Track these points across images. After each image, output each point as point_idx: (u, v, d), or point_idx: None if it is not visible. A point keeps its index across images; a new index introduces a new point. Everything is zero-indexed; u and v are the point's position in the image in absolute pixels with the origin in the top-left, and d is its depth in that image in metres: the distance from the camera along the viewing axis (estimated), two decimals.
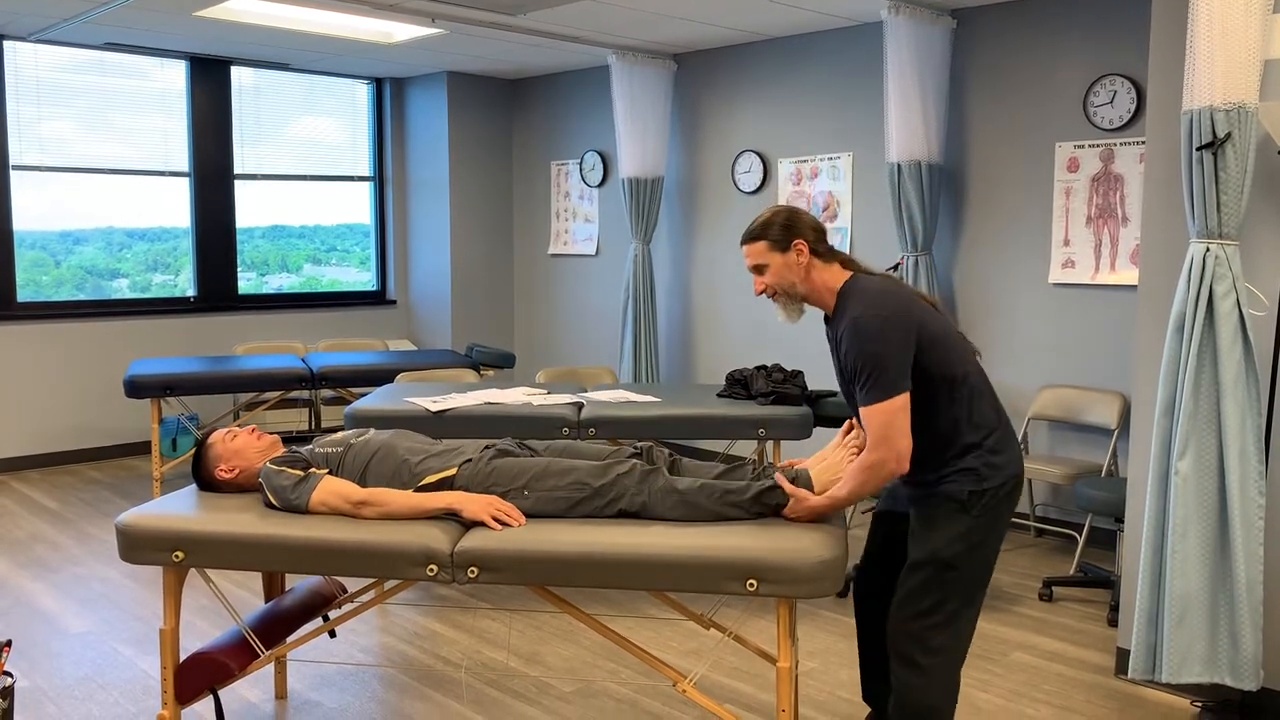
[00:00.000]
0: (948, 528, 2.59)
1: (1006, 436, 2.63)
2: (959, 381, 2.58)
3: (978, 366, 2.65)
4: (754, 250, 2.73)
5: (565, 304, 7.78)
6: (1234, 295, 3.03)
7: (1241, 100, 2.94)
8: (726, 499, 2.69)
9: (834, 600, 4.36)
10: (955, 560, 2.58)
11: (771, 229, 2.70)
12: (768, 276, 2.73)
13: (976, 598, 2.65)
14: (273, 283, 7.71)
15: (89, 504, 5.80)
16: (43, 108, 6.59)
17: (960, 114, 5.54)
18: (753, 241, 2.73)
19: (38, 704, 3.36)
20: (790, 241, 2.68)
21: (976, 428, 2.59)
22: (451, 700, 3.40)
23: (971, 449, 2.59)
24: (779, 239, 2.69)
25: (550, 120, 7.76)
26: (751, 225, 2.75)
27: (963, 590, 2.60)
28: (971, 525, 2.58)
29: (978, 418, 2.59)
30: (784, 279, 2.71)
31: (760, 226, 2.72)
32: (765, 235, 2.71)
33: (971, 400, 2.59)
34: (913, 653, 2.63)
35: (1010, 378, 5.44)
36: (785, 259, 2.69)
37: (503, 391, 4.47)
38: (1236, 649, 3.08)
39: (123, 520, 2.70)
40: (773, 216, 2.72)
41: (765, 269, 2.72)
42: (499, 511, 2.68)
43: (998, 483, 2.58)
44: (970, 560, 2.59)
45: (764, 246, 2.72)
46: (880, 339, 2.50)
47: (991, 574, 2.65)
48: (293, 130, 7.63)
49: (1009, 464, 2.61)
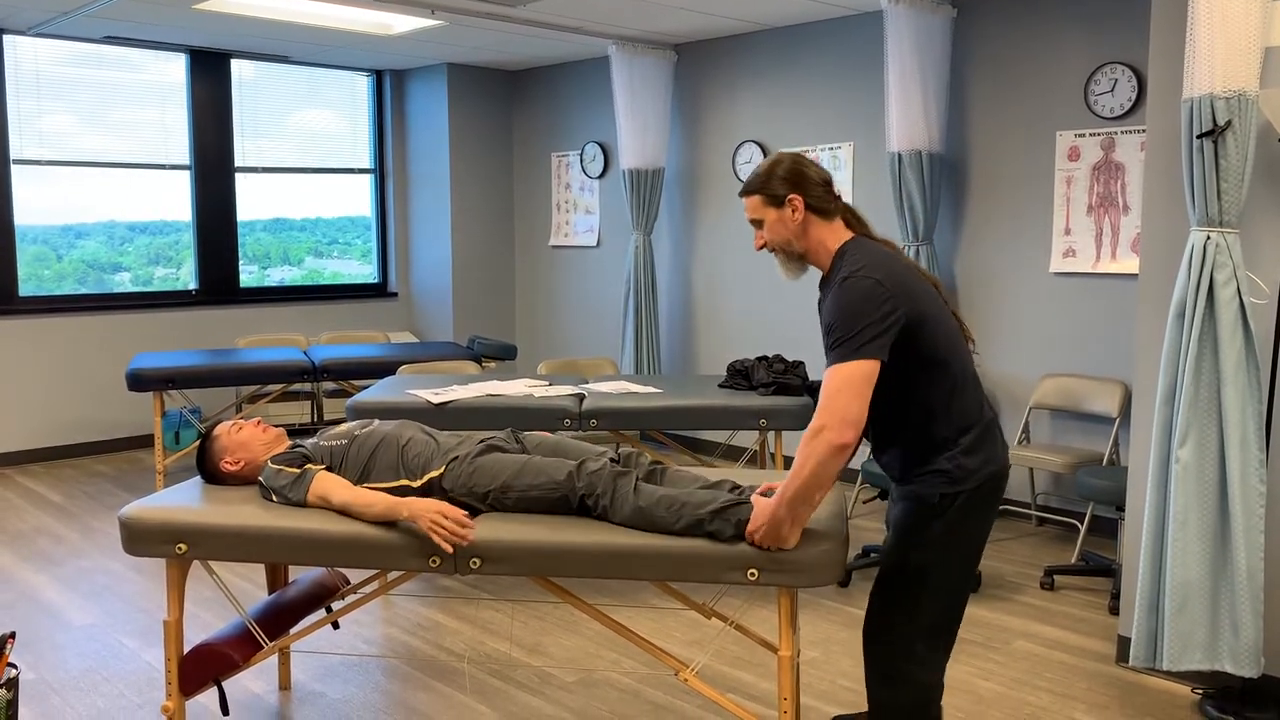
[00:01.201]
0: (918, 533, 2.44)
1: (986, 435, 2.44)
2: (941, 367, 2.38)
3: (967, 357, 2.46)
4: (750, 204, 2.52)
5: (566, 296, 7.78)
6: (1234, 283, 3.03)
7: (1242, 88, 2.94)
8: (683, 512, 2.53)
9: (835, 589, 4.37)
10: (927, 567, 2.44)
11: (769, 182, 2.49)
12: (765, 232, 2.52)
13: (955, 605, 2.50)
14: (274, 276, 7.71)
15: (92, 497, 5.82)
16: (43, 102, 6.59)
17: (961, 103, 5.53)
18: (749, 194, 2.52)
19: (42, 696, 3.37)
20: (786, 197, 2.46)
21: (952, 421, 2.40)
22: (454, 690, 3.42)
23: (944, 447, 2.40)
24: (775, 193, 2.47)
25: (551, 111, 7.76)
26: (751, 175, 2.53)
27: (939, 600, 2.47)
28: (944, 530, 2.42)
29: (956, 409, 2.40)
30: (779, 236, 2.50)
31: (758, 179, 2.51)
32: (762, 189, 2.50)
33: (952, 390, 2.39)
34: (884, 668, 2.52)
35: (1011, 367, 5.44)
36: (780, 214, 2.48)
37: (504, 383, 4.47)
38: (1237, 636, 3.09)
39: (126, 513, 2.71)
40: (773, 167, 2.50)
41: (764, 224, 2.52)
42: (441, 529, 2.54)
43: (971, 486, 2.40)
44: (944, 566, 2.45)
45: (759, 200, 2.51)
46: (864, 299, 2.29)
47: (971, 580, 2.52)
48: (293, 123, 7.63)
49: (985, 464, 2.41)
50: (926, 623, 2.48)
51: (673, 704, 3.32)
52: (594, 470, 2.67)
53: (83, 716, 3.24)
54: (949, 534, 2.43)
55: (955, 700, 3.35)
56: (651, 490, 2.61)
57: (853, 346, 2.26)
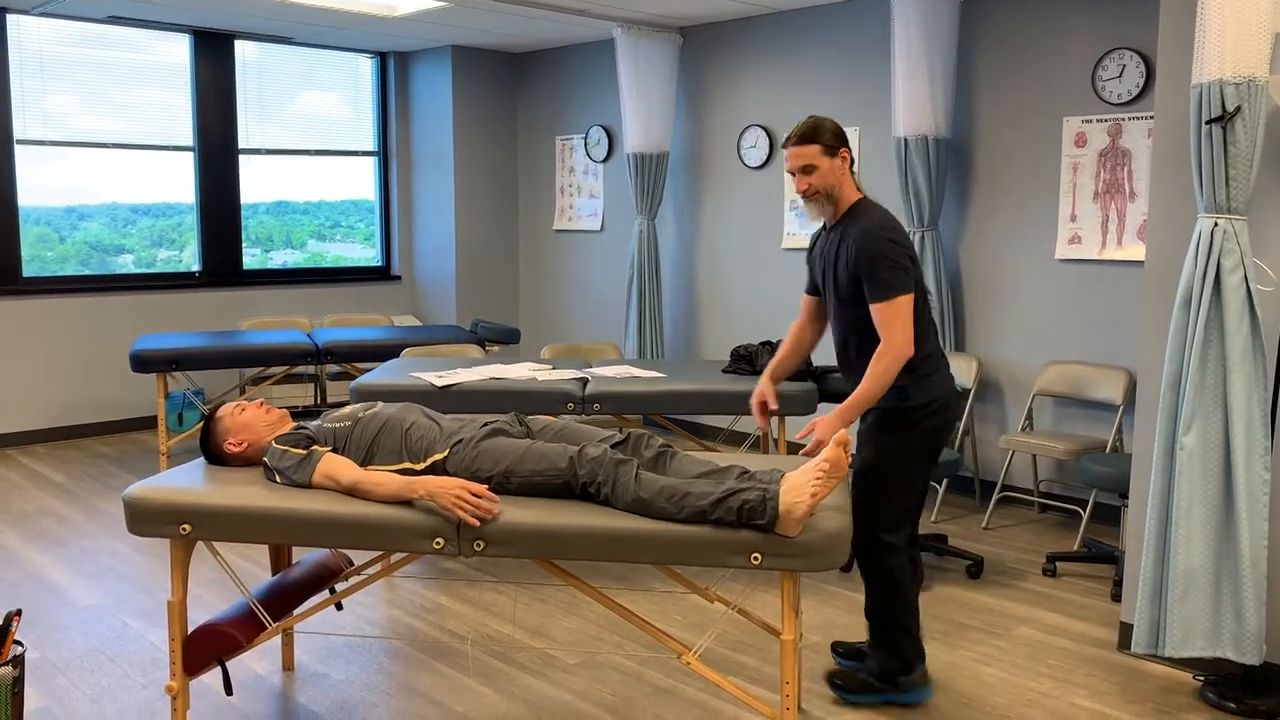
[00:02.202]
0: (879, 440, 3.07)
1: (941, 364, 3.07)
2: (919, 306, 2.99)
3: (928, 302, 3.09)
4: (807, 152, 2.97)
5: (570, 280, 7.77)
6: (1242, 270, 3.02)
7: (1252, 73, 2.92)
8: (685, 503, 2.53)
9: (837, 574, 4.37)
10: (894, 465, 3.06)
11: (824, 134, 2.98)
12: (815, 177, 2.99)
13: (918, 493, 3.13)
14: (277, 258, 7.70)
15: (96, 478, 5.83)
16: (46, 82, 6.57)
17: (968, 88, 5.50)
18: (807, 144, 2.97)
19: (48, 675, 3.39)
20: (839, 149, 3.00)
21: (917, 351, 2.96)
22: (458, 672, 3.43)
23: (909, 371, 2.97)
24: (831, 144, 2.98)
25: (555, 95, 7.73)
26: (802, 128, 2.98)
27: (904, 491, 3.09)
28: (898, 439, 3.05)
29: (921, 342, 2.97)
30: (829, 181, 3.00)
31: (813, 130, 2.97)
32: (818, 139, 2.97)
33: (920, 322, 2.98)
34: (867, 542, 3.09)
35: (1016, 353, 5.43)
36: (833, 163, 2.99)
37: (508, 367, 4.47)
38: (1240, 623, 3.09)
39: (130, 493, 2.71)
40: (823, 122, 2.99)
41: (814, 169, 2.98)
42: (467, 505, 2.54)
43: (923, 401, 3.01)
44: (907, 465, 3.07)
45: (818, 150, 2.98)
46: (897, 245, 2.91)
47: (926, 485, 3.14)
48: (297, 105, 7.60)
49: (937, 386, 3.03)
50: (895, 506, 3.09)
51: (675, 687, 3.33)
52: (594, 457, 2.66)
53: (87, 695, 3.25)
54: (902, 444, 3.05)
55: (957, 686, 3.36)
56: (653, 480, 2.60)
57: (897, 283, 2.89)
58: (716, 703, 3.23)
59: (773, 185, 6.41)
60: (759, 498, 2.48)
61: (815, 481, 2.43)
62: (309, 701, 3.23)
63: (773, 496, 2.47)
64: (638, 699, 3.25)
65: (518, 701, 3.23)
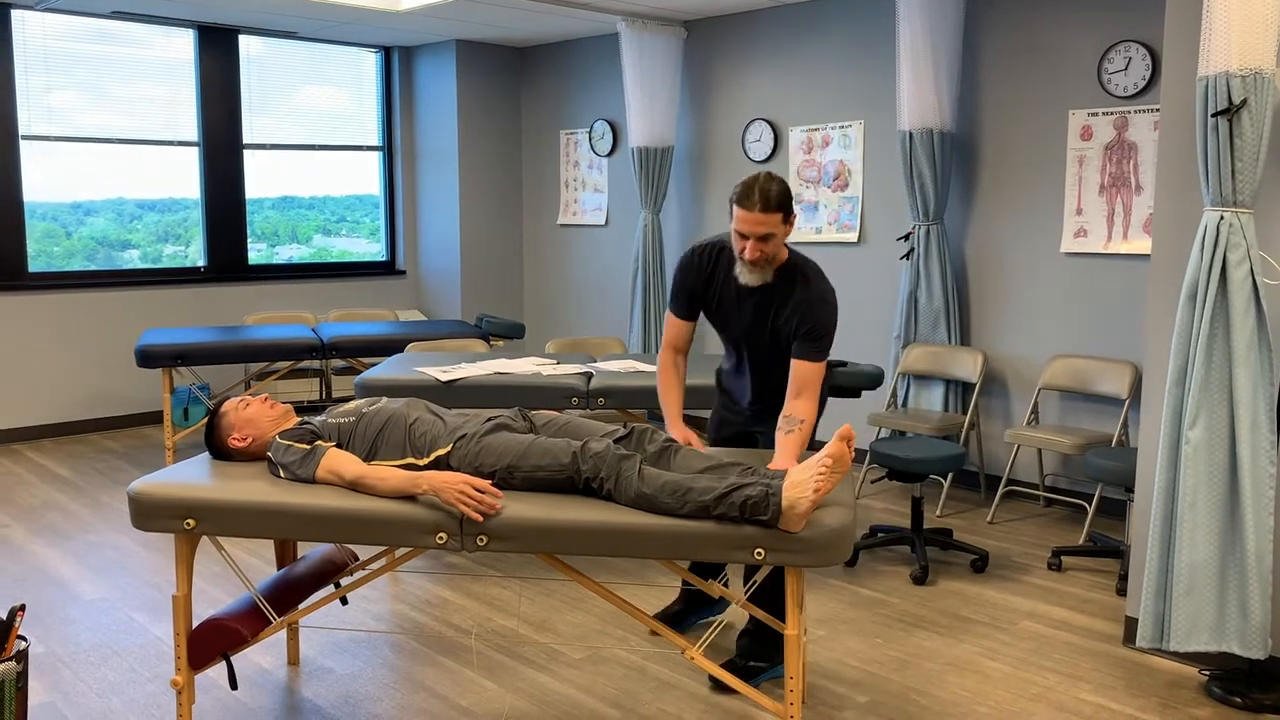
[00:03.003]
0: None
1: None
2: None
3: None
4: (771, 220, 2.84)
5: (574, 274, 7.76)
6: (1248, 264, 3.01)
7: (1258, 66, 2.91)
8: (688, 499, 2.53)
9: (842, 569, 4.37)
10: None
11: (788, 202, 2.87)
12: (769, 245, 2.88)
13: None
14: (283, 253, 7.71)
15: (102, 472, 5.85)
16: (51, 77, 6.58)
17: (973, 81, 5.49)
18: (774, 211, 2.83)
19: (53, 669, 3.40)
20: (792, 213, 2.91)
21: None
22: (462, 667, 3.43)
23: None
24: (790, 212, 2.90)
25: (559, 89, 7.72)
26: (767, 193, 2.82)
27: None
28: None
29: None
30: (776, 249, 2.93)
31: (781, 198, 2.84)
32: (785, 207, 2.85)
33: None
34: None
35: (1021, 347, 5.42)
36: (786, 230, 2.91)
37: (512, 361, 4.47)
38: (1245, 618, 3.09)
39: (135, 488, 2.72)
40: (784, 186, 2.87)
41: (771, 238, 2.86)
42: (470, 500, 2.55)
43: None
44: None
45: (780, 218, 2.86)
46: (836, 315, 3.00)
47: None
48: (301, 100, 7.60)
49: None
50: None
51: (679, 681, 3.33)
52: (597, 452, 2.66)
53: (92, 690, 3.26)
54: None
55: (962, 680, 3.35)
56: (656, 475, 2.60)
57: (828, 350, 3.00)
58: (720, 697, 3.23)
59: None
60: (762, 493, 2.47)
61: (818, 477, 2.43)
62: (314, 696, 3.24)
63: (775, 492, 2.46)
64: (642, 693, 3.25)
65: (522, 696, 3.23)
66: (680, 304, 3.26)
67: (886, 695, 3.25)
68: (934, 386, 5.56)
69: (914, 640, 3.66)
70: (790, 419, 2.92)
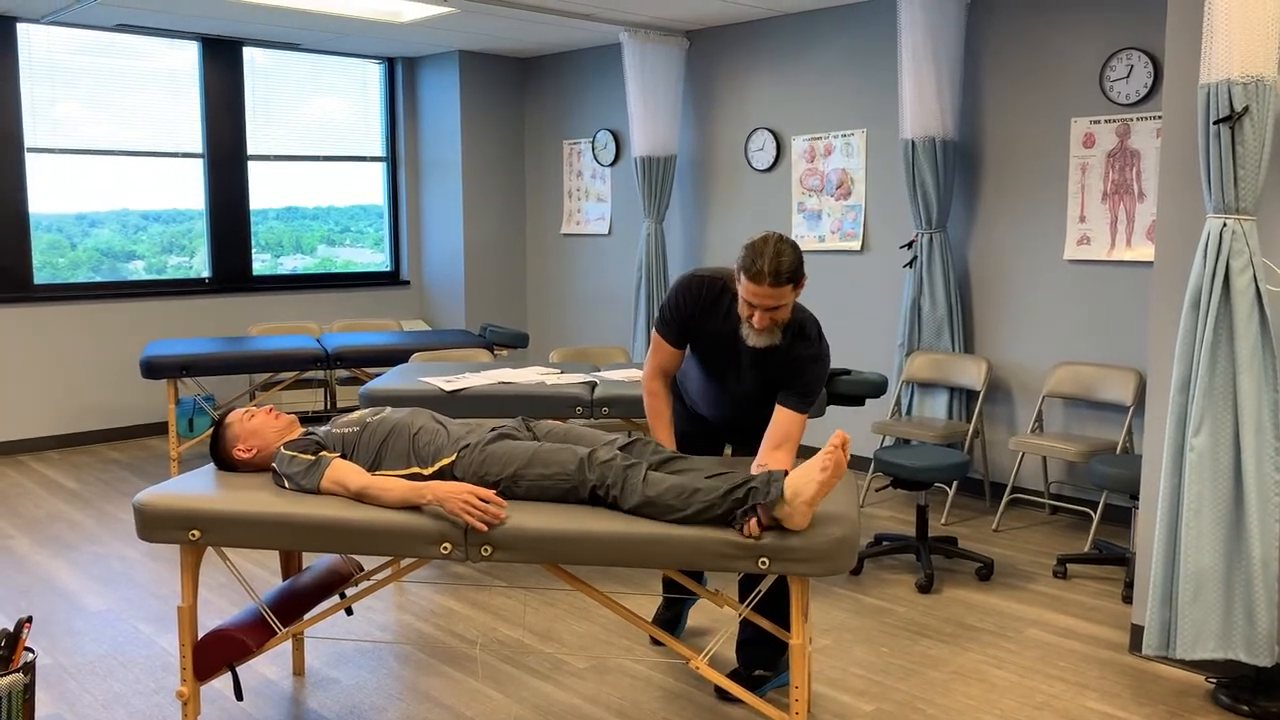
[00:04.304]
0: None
1: None
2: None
3: None
4: (783, 292, 2.70)
5: (578, 284, 7.77)
6: (1251, 271, 3.01)
7: (1260, 73, 2.91)
8: (693, 499, 2.53)
9: (847, 577, 4.37)
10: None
11: (800, 270, 2.71)
12: (780, 314, 2.77)
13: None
14: (287, 264, 7.73)
15: (107, 483, 5.85)
16: (56, 90, 6.61)
17: (975, 89, 5.49)
18: (785, 284, 2.69)
19: (59, 680, 3.40)
20: (803, 277, 2.75)
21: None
22: (467, 677, 3.43)
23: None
24: (801, 277, 2.74)
25: (562, 99, 7.74)
26: (778, 266, 2.66)
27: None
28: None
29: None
30: (789, 312, 2.81)
31: (792, 269, 2.68)
32: (800, 276, 2.71)
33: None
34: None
35: (1025, 355, 5.42)
36: (796, 293, 2.77)
37: (516, 371, 4.48)
38: (1251, 625, 3.08)
39: (140, 499, 2.72)
40: (795, 256, 2.70)
41: (782, 308, 2.75)
42: (474, 510, 2.56)
43: None
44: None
45: (791, 289, 2.72)
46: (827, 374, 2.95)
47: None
48: (305, 111, 7.63)
49: None
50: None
51: (684, 691, 3.33)
52: (605, 461, 2.67)
53: (99, 701, 3.26)
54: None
55: (968, 688, 3.35)
56: (660, 479, 2.61)
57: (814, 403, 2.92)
58: (726, 707, 3.22)
59: (780, 188, 6.41)
60: (765, 480, 2.51)
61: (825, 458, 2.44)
62: (319, 706, 3.24)
63: (778, 479, 2.50)
64: (647, 703, 3.25)
65: (527, 706, 3.23)
66: (674, 331, 3.06)
67: (892, 704, 3.24)
68: (938, 394, 5.56)
69: (919, 649, 3.66)
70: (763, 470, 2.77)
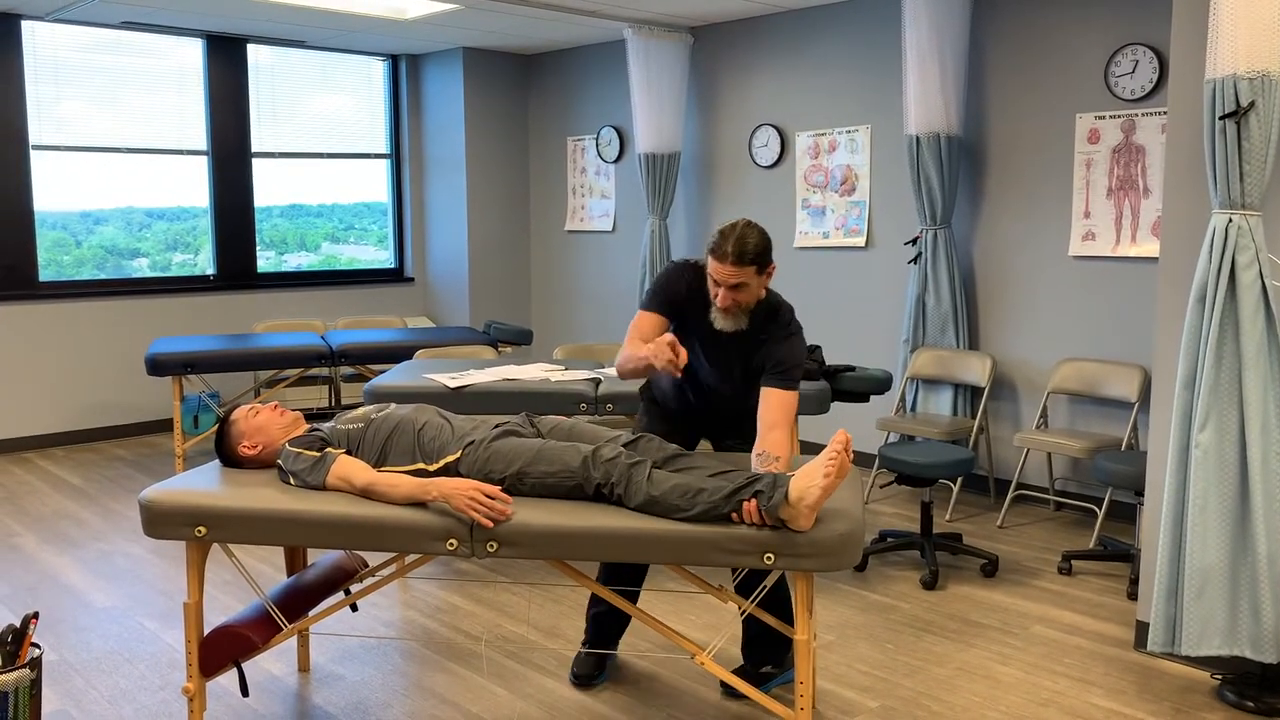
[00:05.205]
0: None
1: None
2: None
3: None
4: (745, 273, 2.77)
5: (582, 280, 7.77)
6: (1257, 266, 3.01)
7: (1265, 69, 2.90)
8: (698, 499, 2.53)
9: (852, 574, 4.37)
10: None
11: (765, 255, 2.78)
12: (743, 294, 2.82)
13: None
14: (291, 261, 7.74)
15: (112, 480, 5.87)
16: (61, 87, 6.61)
17: (980, 85, 5.48)
18: (747, 265, 2.76)
19: (65, 677, 3.41)
20: (770, 265, 2.82)
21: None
22: (472, 673, 3.44)
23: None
24: (767, 264, 2.81)
25: (566, 96, 7.74)
26: (742, 246, 2.74)
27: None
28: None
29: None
30: (754, 296, 2.85)
31: (757, 251, 2.76)
32: (760, 260, 2.77)
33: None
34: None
35: (1030, 351, 5.41)
36: (761, 280, 2.83)
37: (521, 368, 4.48)
38: (1257, 622, 3.07)
39: (146, 496, 2.73)
40: (761, 239, 2.78)
41: (744, 287, 2.80)
42: (480, 506, 2.56)
43: None
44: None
45: (754, 270, 2.79)
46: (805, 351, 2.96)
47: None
48: (309, 108, 7.63)
49: None
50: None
51: (689, 687, 3.33)
52: (609, 458, 2.67)
53: (105, 697, 3.27)
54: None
55: (973, 685, 3.35)
56: (665, 477, 2.61)
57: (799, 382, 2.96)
58: (731, 703, 3.23)
59: (784, 184, 6.41)
60: (770, 482, 2.50)
61: (828, 462, 2.43)
62: (324, 702, 3.25)
63: (784, 483, 2.49)
64: (652, 699, 3.25)
65: (532, 702, 3.23)
66: (658, 301, 2.99)
67: (897, 701, 3.24)
68: (942, 391, 5.56)
69: (924, 645, 3.66)
70: (765, 455, 2.78)
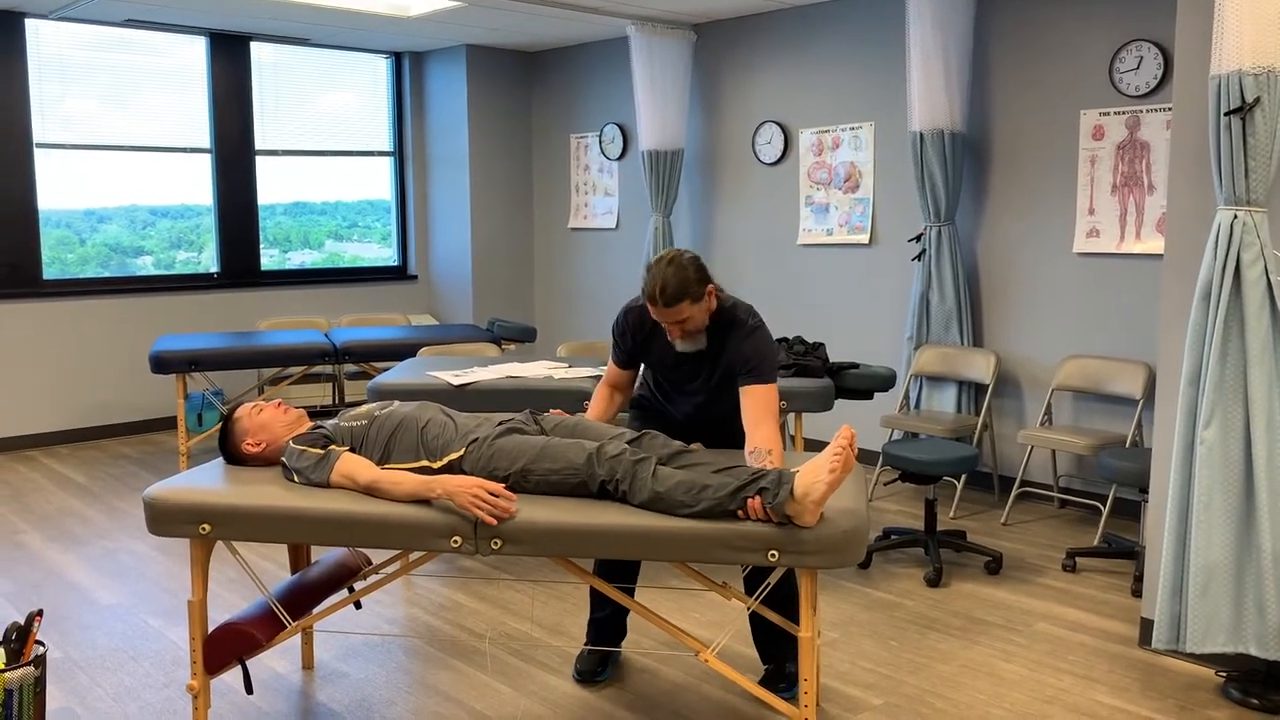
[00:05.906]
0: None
1: None
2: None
3: None
4: (676, 311, 2.88)
5: (586, 277, 7.77)
6: (1261, 263, 3.00)
7: (1271, 64, 2.90)
8: (702, 496, 2.54)
9: (855, 571, 4.36)
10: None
11: (691, 287, 2.86)
12: (688, 323, 2.93)
13: None
14: (295, 259, 7.74)
15: (117, 478, 5.87)
16: (65, 86, 6.62)
17: (984, 82, 5.47)
18: (675, 304, 2.87)
19: (69, 674, 3.41)
20: (704, 289, 2.90)
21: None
22: (476, 670, 3.44)
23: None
24: (698, 292, 2.88)
25: (569, 93, 7.73)
26: (666, 287, 2.83)
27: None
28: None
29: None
30: (701, 320, 2.95)
31: (679, 289, 2.84)
32: (688, 294, 2.86)
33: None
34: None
35: (1034, 348, 5.40)
36: (701, 305, 2.91)
37: (524, 365, 4.48)
38: (1262, 619, 3.07)
39: (150, 494, 2.73)
40: (682, 271, 2.86)
41: (687, 319, 2.91)
42: (484, 504, 2.56)
43: None
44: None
45: (687, 304, 2.88)
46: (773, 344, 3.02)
47: None
48: (313, 106, 7.64)
49: None
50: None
51: (693, 684, 3.33)
52: (613, 455, 2.67)
53: (109, 694, 3.27)
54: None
55: (977, 682, 3.34)
56: (669, 474, 2.60)
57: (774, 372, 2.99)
58: (735, 700, 3.23)
59: (788, 182, 6.40)
60: (775, 478, 2.50)
61: (833, 458, 2.43)
62: (328, 700, 3.25)
63: (789, 479, 2.48)
64: (656, 696, 3.25)
65: (536, 699, 3.24)
66: (615, 355, 3.24)
67: (901, 698, 3.24)
68: (946, 388, 5.55)
69: (928, 643, 3.65)
70: (757, 451, 2.81)
